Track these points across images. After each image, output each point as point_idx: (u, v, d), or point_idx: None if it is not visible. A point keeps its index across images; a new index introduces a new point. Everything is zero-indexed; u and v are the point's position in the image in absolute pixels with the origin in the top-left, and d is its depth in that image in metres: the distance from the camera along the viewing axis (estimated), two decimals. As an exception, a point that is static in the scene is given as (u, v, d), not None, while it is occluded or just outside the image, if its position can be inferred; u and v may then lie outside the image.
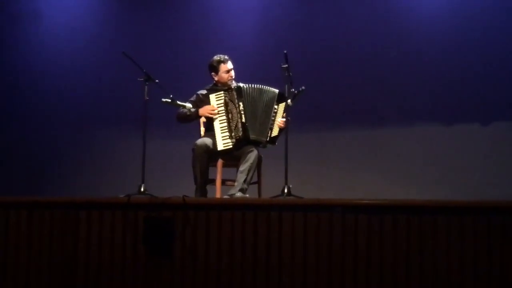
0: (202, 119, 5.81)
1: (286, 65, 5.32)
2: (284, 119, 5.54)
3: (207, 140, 5.55)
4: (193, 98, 5.78)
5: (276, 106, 5.65)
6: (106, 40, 7.89)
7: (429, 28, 7.25)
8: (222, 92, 5.66)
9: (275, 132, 5.65)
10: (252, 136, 5.58)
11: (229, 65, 5.78)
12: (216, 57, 5.79)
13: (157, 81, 5.42)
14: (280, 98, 5.60)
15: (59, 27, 8.09)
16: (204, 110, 5.66)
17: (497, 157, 6.93)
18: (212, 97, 5.67)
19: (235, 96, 5.61)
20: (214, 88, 5.77)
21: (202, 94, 5.79)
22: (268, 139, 5.64)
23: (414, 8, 7.34)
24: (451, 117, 7.16)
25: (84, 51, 7.97)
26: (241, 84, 5.69)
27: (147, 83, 5.38)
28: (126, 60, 5.32)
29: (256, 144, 5.62)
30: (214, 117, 5.61)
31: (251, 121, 5.59)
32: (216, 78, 5.81)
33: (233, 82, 5.80)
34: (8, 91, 8.06)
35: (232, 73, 5.79)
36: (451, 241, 4.29)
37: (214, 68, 5.79)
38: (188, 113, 5.67)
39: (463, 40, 7.16)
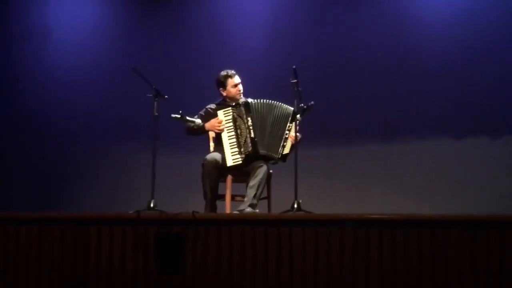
0: (212, 134, 5.80)
1: (295, 80, 5.31)
2: (295, 135, 5.50)
3: (217, 155, 5.55)
4: (203, 112, 5.78)
5: (290, 124, 5.60)
6: (115, 56, 7.92)
7: (438, 43, 7.23)
8: (230, 108, 5.65)
9: (287, 149, 5.63)
10: (262, 151, 5.56)
11: (236, 79, 5.77)
12: (223, 72, 5.78)
13: (166, 96, 5.43)
14: (294, 116, 5.55)
15: (68, 43, 8.14)
16: (210, 125, 5.66)
17: (509, 171, 6.88)
18: (220, 113, 5.66)
19: (243, 112, 5.60)
20: (223, 104, 5.77)
21: (211, 109, 5.79)
22: (279, 156, 5.63)
23: (423, 22, 7.32)
24: (461, 131, 7.13)
25: (93, 68, 8.01)
26: (249, 100, 5.68)
27: (156, 99, 5.38)
28: (135, 76, 5.34)
29: (266, 159, 5.61)
30: (220, 131, 5.59)
31: (260, 136, 5.57)
32: (224, 94, 5.80)
33: (242, 96, 5.79)
34: (18, 107, 8.11)
35: (240, 87, 5.78)
36: (462, 255, 4.26)
37: (222, 83, 5.79)
38: (195, 128, 5.67)
39: (473, 53, 7.14)
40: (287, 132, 5.60)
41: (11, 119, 8.08)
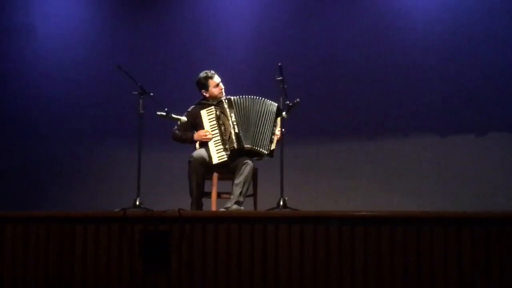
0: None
1: (281, 78, 5.32)
2: (280, 130, 5.51)
3: (203, 153, 5.54)
4: (185, 115, 5.74)
5: (276, 120, 5.61)
6: (100, 54, 7.90)
7: (424, 40, 7.27)
8: (212, 106, 5.64)
9: (273, 145, 5.64)
10: (247, 146, 5.55)
11: (217, 78, 5.78)
12: (203, 74, 5.78)
13: (151, 94, 5.43)
14: (278, 112, 5.57)
15: (53, 41, 8.10)
16: (198, 136, 5.65)
17: (493, 168, 6.92)
18: (203, 112, 5.65)
19: (226, 108, 5.59)
20: (205, 103, 5.75)
21: (194, 110, 5.76)
22: (268, 152, 5.62)
23: (409, 20, 7.36)
24: (447, 128, 7.17)
25: (78, 65, 7.98)
26: (231, 97, 5.67)
27: (142, 96, 5.38)
28: (120, 74, 5.32)
29: (252, 155, 5.60)
30: (208, 139, 5.57)
31: (245, 131, 5.56)
32: (207, 95, 5.78)
33: (223, 93, 5.78)
34: (2, 104, 8.05)
35: (221, 85, 5.78)
36: (448, 251, 4.27)
37: (203, 85, 5.78)
38: (183, 137, 5.69)
39: (458, 51, 7.18)
40: (273, 128, 5.61)
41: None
